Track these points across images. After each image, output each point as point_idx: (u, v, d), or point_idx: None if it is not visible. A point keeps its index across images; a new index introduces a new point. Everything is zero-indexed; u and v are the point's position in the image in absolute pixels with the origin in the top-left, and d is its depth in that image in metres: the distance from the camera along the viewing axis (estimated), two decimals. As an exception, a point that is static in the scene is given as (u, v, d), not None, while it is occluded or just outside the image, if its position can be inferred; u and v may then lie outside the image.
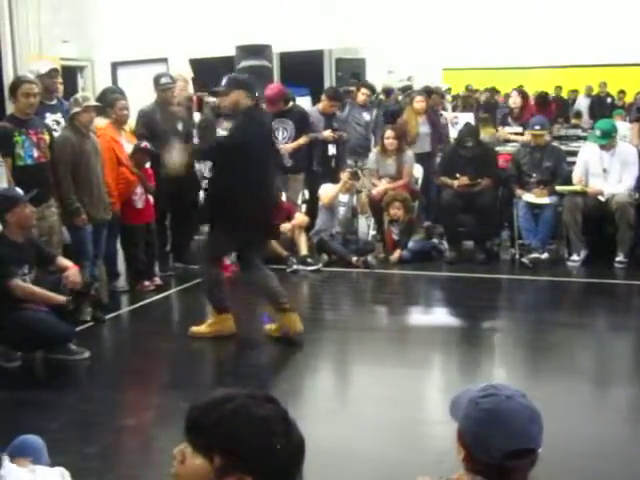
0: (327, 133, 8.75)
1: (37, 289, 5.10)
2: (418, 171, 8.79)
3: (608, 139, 7.77)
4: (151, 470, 3.81)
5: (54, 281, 5.29)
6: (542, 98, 16.82)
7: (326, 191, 8.38)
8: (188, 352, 5.67)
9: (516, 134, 9.25)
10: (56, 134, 6.38)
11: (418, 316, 6.77)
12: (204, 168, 7.59)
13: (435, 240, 8.34)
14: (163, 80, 7.83)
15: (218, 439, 1.51)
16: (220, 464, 1.49)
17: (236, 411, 1.53)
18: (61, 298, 5.11)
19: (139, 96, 8.43)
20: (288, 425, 1.56)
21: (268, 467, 1.50)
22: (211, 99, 8.25)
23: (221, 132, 7.58)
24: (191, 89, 9.11)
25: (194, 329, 5.90)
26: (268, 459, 1.50)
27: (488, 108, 14.24)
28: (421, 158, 8.95)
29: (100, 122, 6.93)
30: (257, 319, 6.37)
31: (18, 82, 6.01)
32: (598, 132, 7.90)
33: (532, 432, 1.89)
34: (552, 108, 15.96)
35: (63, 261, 5.42)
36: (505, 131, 9.53)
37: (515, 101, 9.63)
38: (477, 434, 1.90)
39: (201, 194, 7.79)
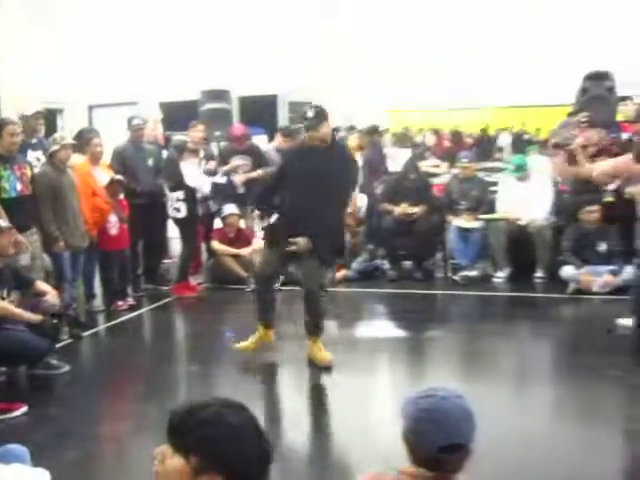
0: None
1: (13, 308, 4.97)
2: (362, 200, 8.84)
3: (521, 172, 8.01)
4: (127, 476, 3.75)
5: (35, 303, 5.19)
6: (456, 135, 17.16)
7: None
8: (159, 365, 5.60)
9: (434, 167, 9.48)
10: (36, 169, 6.30)
11: (364, 328, 6.79)
12: (172, 198, 7.56)
13: (378, 261, 8.38)
14: (135, 121, 7.83)
15: (194, 442, 1.52)
16: (195, 464, 1.51)
17: (211, 418, 1.54)
18: (37, 317, 4.99)
19: (113, 135, 8.38)
20: (258, 433, 1.57)
21: (238, 469, 1.52)
22: (176, 137, 8.25)
23: (187, 167, 7.56)
24: (161, 129, 9.08)
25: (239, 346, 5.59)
26: (239, 462, 1.52)
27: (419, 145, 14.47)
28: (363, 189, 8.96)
29: (78, 159, 6.86)
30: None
31: (3, 123, 5.93)
32: (512, 166, 8.19)
33: (464, 429, 1.93)
34: (466, 143, 16.28)
35: (42, 285, 5.31)
36: (424, 164, 9.76)
37: (429, 139, 9.84)
38: (416, 431, 1.94)
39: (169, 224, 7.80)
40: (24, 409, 4.56)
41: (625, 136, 6.35)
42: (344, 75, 17.24)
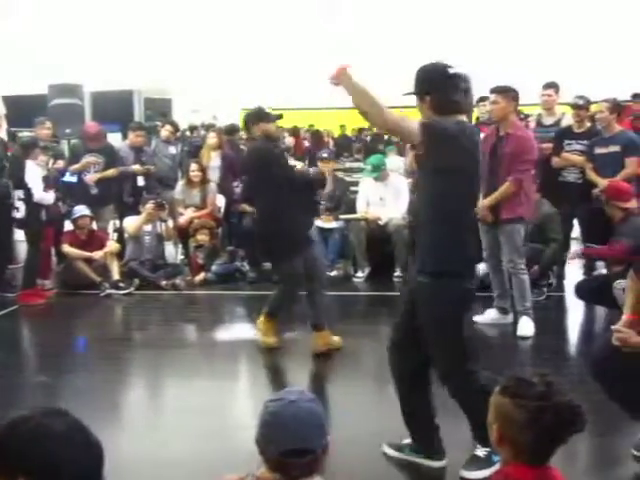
0: (136, 167, 8.59)
1: None
2: (220, 200, 8.79)
3: (378, 172, 8.17)
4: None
5: None
6: (316, 135, 17.44)
7: (129, 223, 8.19)
8: (6, 376, 5.32)
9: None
10: None
11: (223, 332, 6.73)
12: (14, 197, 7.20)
13: (238, 263, 8.35)
14: (-21, 117, 7.39)
15: (21, 460, 1.43)
16: None
17: (34, 431, 1.46)
18: None
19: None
20: (86, 435, 1.52)
21: (74, 477, 1.45)
22: (23, 134, 7.89)
23: (33, 170, 7.20)
24: (4, 124, 8.64)
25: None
26: (73, 470, 1.45)
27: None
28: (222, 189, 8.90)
29: None
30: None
31: None
32: (369, 167, 8.31)
33: (308, 434, 1.94)
34: (325, 142, 16.59)
35: None
36: None
37: (289, 140, 9.89)
38: (263, 434, 1.97)
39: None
40: None
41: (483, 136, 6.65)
42: (203, 70, 17.07)
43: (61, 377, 5.39)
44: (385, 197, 8.18)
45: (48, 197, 7.41)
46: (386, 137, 17.87)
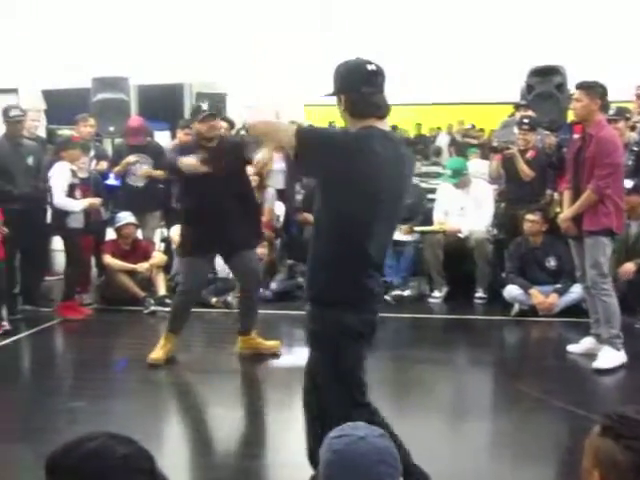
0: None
1: None
2: (280, 209, 8.86)
3: (459, 177, 8.12)
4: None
5: None
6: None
7: (177, 232, 8.30)
8: (39, 400, 5.48)
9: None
10: None
11: (283, 357, 6.76)
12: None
13: (299, 279, 8.39)
14: (13, 112, 7.61)
15: (77, 474, 1.51)
16: None
17: (98, 449, 1.54)
18: None
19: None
20: (152, 463, 1.58)
21: None
22: (63, 132, 8.11)
23: (60, 171, 7.37)
24: (44, 121, 8.92)
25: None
26: None
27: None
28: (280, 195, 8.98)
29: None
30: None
31: None
32: (449, 171, 8.27)
33: (379, 474, 1.89)
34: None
35: None
36: None
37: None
38: (327, 476, 1.92)
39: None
40: None
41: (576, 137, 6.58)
42: (259, 64, 17.26)
43: (98, 402, 5.51)
44: (466, 206, 8.13)
45: (71, 203, 7.41)
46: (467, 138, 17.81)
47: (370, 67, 3.28)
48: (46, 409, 5.35)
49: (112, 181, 8.43)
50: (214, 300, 7.86)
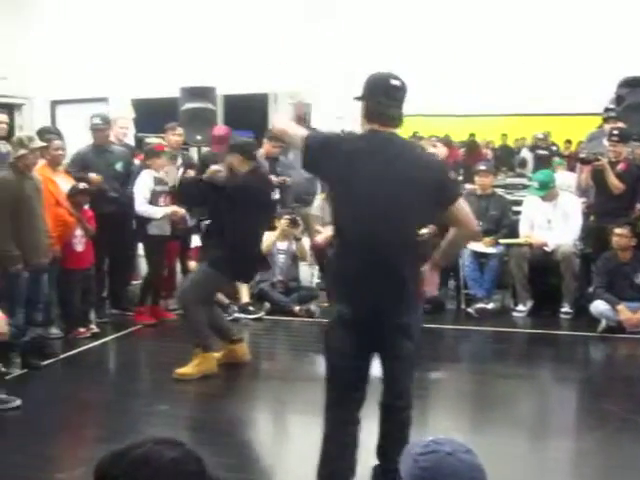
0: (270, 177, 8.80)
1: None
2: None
3: (546, 190, 8.00)
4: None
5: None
6: (471, 144, 17.21)
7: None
8: (124, 402, 5.61)
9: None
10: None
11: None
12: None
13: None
14: (94, 120, 7.86)
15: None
16: None
17: (146, 455, 1.56)
18: None
19: (78, 135, 8.41)
20: (201, 464, 1.59)
21: None
22: (151, 139, 8.27)
23: (145, 179, 7.52)
24: (132, 129, 9.12)
25: (179, 371, 5.97)
26: None
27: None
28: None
29: (36, 162, 6.86)
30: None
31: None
32: (536, 184, 8.15)
33: None
34: (482, 153, 16.34)
35: None
36: None
37: (440, 151, 9.81)
38: None
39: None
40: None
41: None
42: (347, 74, 17.30)
43: (180, 406, 5.61)
44: (553, 219, 8.01)
45: (151, 210, 7.49)
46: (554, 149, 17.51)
47: (393, 82, 3.56)
48: (130, 411, 5.47)
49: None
50: (297, 309, 7.91)
